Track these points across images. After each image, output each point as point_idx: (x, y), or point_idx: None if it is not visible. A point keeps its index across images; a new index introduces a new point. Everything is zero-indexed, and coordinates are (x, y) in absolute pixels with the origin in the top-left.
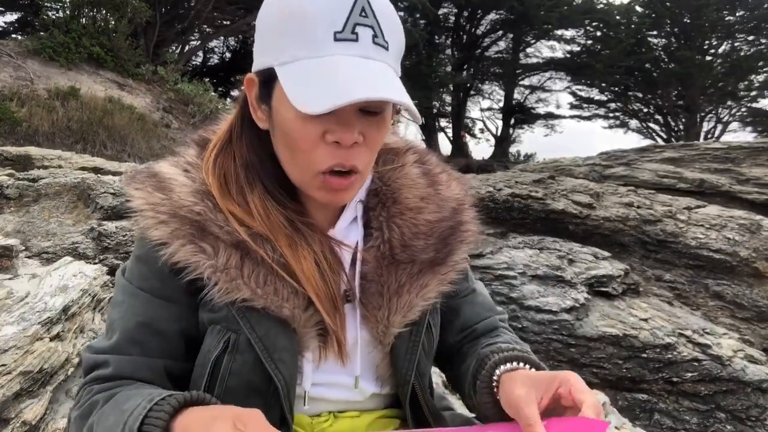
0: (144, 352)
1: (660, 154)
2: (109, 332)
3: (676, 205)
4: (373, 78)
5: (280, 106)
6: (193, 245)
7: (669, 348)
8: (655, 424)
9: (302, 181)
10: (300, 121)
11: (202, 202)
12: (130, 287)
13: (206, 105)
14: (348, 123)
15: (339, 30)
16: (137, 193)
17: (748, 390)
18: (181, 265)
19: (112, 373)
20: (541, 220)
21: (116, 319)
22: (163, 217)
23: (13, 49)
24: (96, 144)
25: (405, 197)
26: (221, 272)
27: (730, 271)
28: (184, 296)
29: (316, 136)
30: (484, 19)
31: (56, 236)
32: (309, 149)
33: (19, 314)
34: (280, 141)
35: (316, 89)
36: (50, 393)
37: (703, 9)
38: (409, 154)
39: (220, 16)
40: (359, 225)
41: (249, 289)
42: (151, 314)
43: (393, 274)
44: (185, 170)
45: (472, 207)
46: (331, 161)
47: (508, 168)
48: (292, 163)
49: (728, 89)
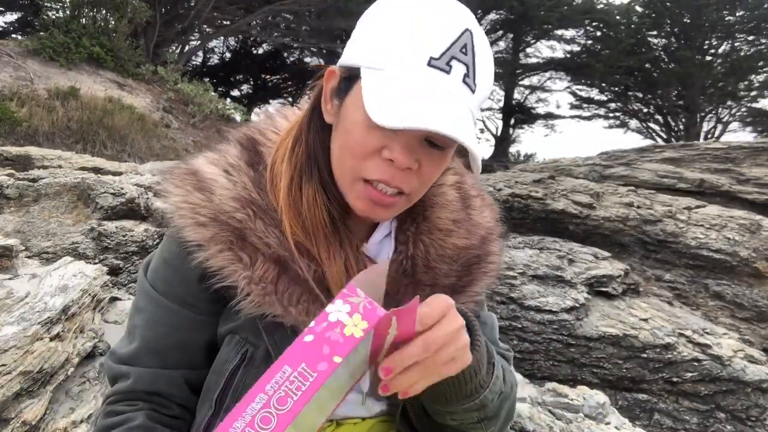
0: (163, 363)
1: (660, 154)
2: (130, 337)
3: (676, 205)
4: (450, 114)
5: (352, 106)
6: (232, 253)
7: (669, 348)
8: (655, 424)
9: (344, 184)
10: (365, 128)
11: (244, 209)
12: (154, 294)
13: (206, 105)
14: (409, 147)
15: (435, 57)
16: (176, 190)
17: (748, 390)
18: (214, 271)
19: (131, 386)
20: (541, 220)
21: (138, 325)
22: (202, 219)
23: (13, 49)
24: (96, 144)
25: (437, 216)
26: (256, 284)
27: (730, 271)
28: (208, 304)
29: (375, 148)
30: (484, 19)
31: (56, 236)
32: (363, 157)
33: (19, 314)
34: (339, 138)
35: (393, 105)
36: (50, 393)
37: (703, 9)
38: (449, 174)
39: (220, 16)
40: (392, 241)
41: (281, 306)
42: (173, 324)
43: (410, 294)
44: (226, 171)
45: (500, 238)
46: (378, 175)
47: (508, 168)
48: (340, 162)
49: (728, 89)
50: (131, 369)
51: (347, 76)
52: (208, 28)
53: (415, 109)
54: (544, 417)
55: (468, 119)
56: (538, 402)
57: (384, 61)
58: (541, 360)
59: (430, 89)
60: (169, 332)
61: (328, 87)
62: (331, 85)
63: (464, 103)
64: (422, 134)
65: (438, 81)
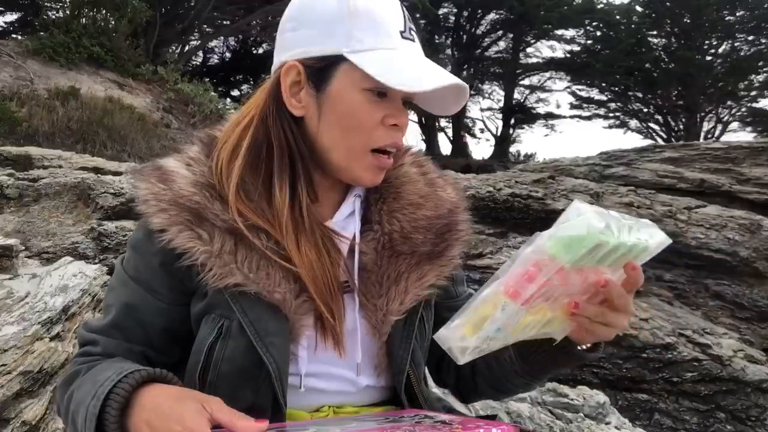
0: (127, 338)
1: (660, 154)
2: (104, 313)
3: (676, 205)
4: (441, 70)
5: (343, 89)
6: (190, 231)
7: (669, 348)
8: (655, 424)
9: (350, 160)
10: (368, 104)
11: (201, 192)
12: (124, 275)
13: (206, 105)
14: (402, 110)
15: (403, 30)
16: (142, 184)
17: (748, 390)
18: (179, 251)
19: (100, 352)
20: (541, 220)
21: (110, 303)
22: (163, 205)
23: (13, 49)
24: (96, 144)
25: (407, 192)
26: (215, 257)
27: (730, 271)
28: (171, 292)
29: (380, 118)
30: (484, 19)
31: (56, 236)
32: (371, 129)
33: (19, 314)
34: (335, 123)
35: (406, 73)
36: (50, 393)
37: (703, 9)
38: (406, 155)
39: (220, 16)
40: (357, 219)
41: (242, 274)
42: (136, 304)
43: (393, 264)
44: (187, 164)
45: (466, 210)
46: (389, 140)
47: (508, 168)
48: (342, 143)
49: (728, 89)
50: (100, 338)
51: (321, 66)
52: (208, 28)
53: (426, 73)
54: (544, 417)
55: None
56: (538, 402)
57: (369, 43)
58: None
59: (417, 56)
60: (132, 311)
61: (288, 82)
62: (290, 79)
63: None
64: (405, 96)
65: (414, 49)
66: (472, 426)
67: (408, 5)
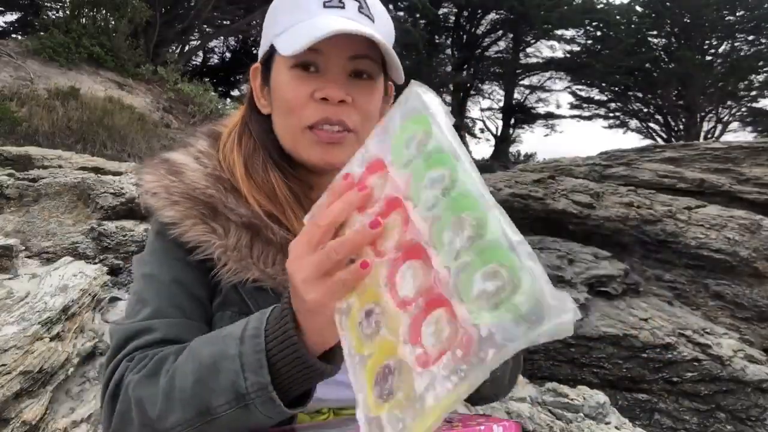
0: (187, 314)
1: (660, 154)
2: (138, 306)
3: (676, 205)
4: (350, 23)
5: (277, 75)
6: (205, 225)
7: (669, 348)
8: (655, 424)
9: (295, 142)
10: (293, 82)
11: (215, 185)
12: (155, 259)
13: (206, 105)
14: (335, 81)
15: (328, 0)
16: (149, 176)
17: (748, 390)
18: (192, 245)
19: (162, 337)
20: (541, 219)
21: (144, 289)
22: (175, 198)
23: (13, 49)
24: (96, 144)
25: None
26: (231, 251)
27: (730, 271)
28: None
29: (307, 93)
30: (484, 19)
31: (56, 236)
32: (300, 106)
33: (19, 314)
34: (277, 111)
35: (300, 38)
36: (50, 393)
37: (703, 9)
38: None
39: (220, 16)
40: None
41: (258, 270)
42: (183, 278)
43: None
44: (196, 158)
45: None
46: (319, 115)
47: (508, 168)
48: (285, 128)
49: (728, 89)
50: (155, 321)
51: (265, 60)
52: (208, 28)
53: (318, 28)
54: (544, 417)
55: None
56: (538, 402)
57: (286, 23)
58: (541, 360)
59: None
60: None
61: (256, 84)
62: (258, 81)
63: (366, 23)
64: (345, 69)
65: (335, 14)
66: (473, 423)
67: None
